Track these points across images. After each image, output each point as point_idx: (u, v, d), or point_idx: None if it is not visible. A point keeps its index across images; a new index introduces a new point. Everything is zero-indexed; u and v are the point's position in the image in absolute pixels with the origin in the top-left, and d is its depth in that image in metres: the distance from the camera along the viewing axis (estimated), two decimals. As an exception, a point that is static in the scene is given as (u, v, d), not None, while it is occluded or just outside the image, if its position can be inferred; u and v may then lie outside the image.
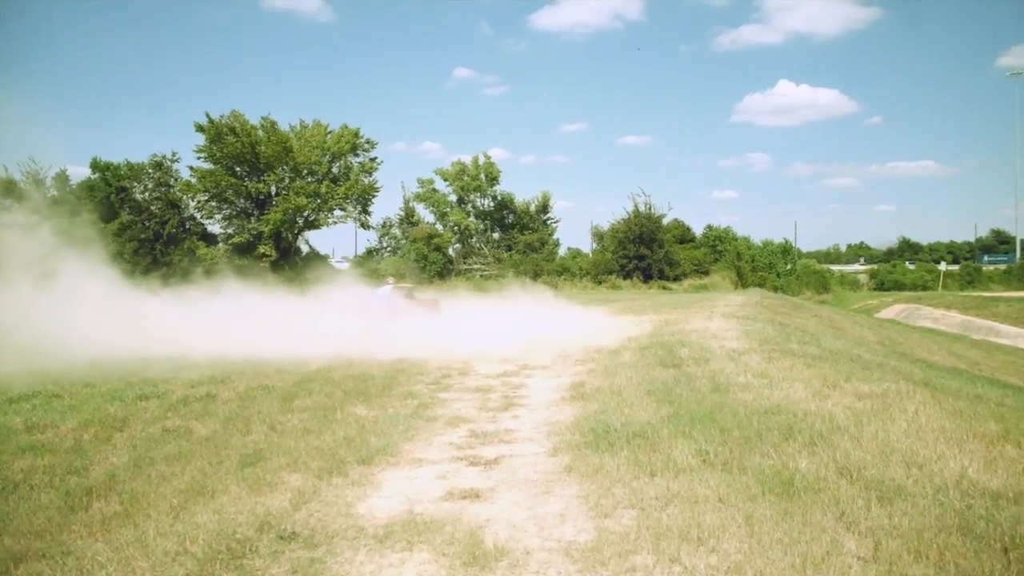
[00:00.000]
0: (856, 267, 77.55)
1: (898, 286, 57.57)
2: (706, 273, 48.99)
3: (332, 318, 19.15)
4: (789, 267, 55.51)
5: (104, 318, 17.31)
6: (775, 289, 42.99)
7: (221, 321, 18.15)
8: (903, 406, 7.52)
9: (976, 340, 32.81)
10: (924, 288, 56.47)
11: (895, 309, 41.87)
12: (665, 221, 50.79)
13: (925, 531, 4.52)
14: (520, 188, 51.33)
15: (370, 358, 13.98)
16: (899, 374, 11.01)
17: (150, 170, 50.67)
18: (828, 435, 6.53)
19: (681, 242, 53.41)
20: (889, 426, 6.72)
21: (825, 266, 64.99)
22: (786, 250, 59.09)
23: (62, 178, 51.39)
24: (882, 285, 58.98)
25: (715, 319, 19.39)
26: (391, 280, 23.40)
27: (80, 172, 52.38)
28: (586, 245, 62.05)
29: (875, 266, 70.92)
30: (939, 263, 67.90)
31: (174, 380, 11.89)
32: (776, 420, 7.26)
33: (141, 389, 11.08)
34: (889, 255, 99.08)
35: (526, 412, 9.30)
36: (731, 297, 29.81)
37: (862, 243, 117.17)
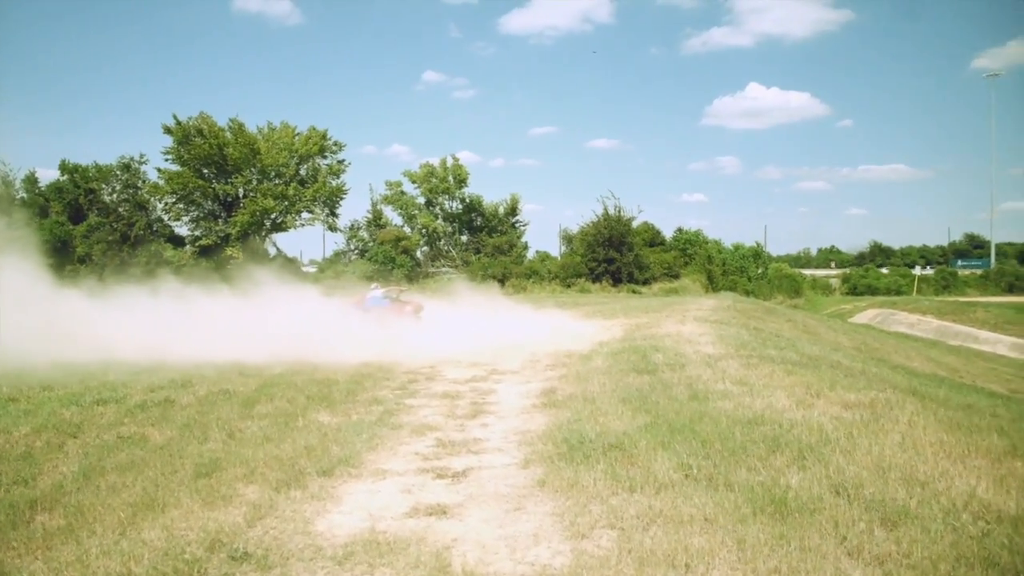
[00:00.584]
0: (828, 271, 77.95)
1: (871, 290, 57.77)
2: (676, 277, 48.80)
3: (299, 320, 18.72)
4: (760, 271, 55.61)
5: (66, 320, 16.82)
6: (747, 293, 42.93)
7: (188, 324, 17.66)
8: (894, 416, 7.23)
9: (953, 346, 32.82)
10: (898, 293, 56.61)
11: (869, 314, 41.94)
12: (635, 224, 50.59)
13: (941, 561, 4.17)
14: (489, 191, 51.37)
15: (334, 362, 13.58)
16: (884, 382, 10.76)
17: (118, 172, 49.86)
18: (818, 448, 6.21)
19: (651, 245, 53.25)
20: (882, 439, 6.40)
21: (797, 270, 65.09)
22: (757, 254, 59.17)
23: (31, 180, 50.52)
24: (855, 289, 59.14)
25: (688, 323, 19.14)
26: (376, 285, 22.84)
27: (50, 174, 51.28)
28: (555, 248, 61.94)
29: (847, 270, 71.24)
30: (913, 267, 68.20)
31: (134, 384, 11.48)
32: (760, 431, 6.95)
33: (100, 393, 10.65)
34: (861, 259, 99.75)
35: (495, 420, 8.94)
36: (703, 301, 29.64)
37: (833, 247, 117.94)
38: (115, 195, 49.14)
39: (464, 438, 7.96)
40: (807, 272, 68.70)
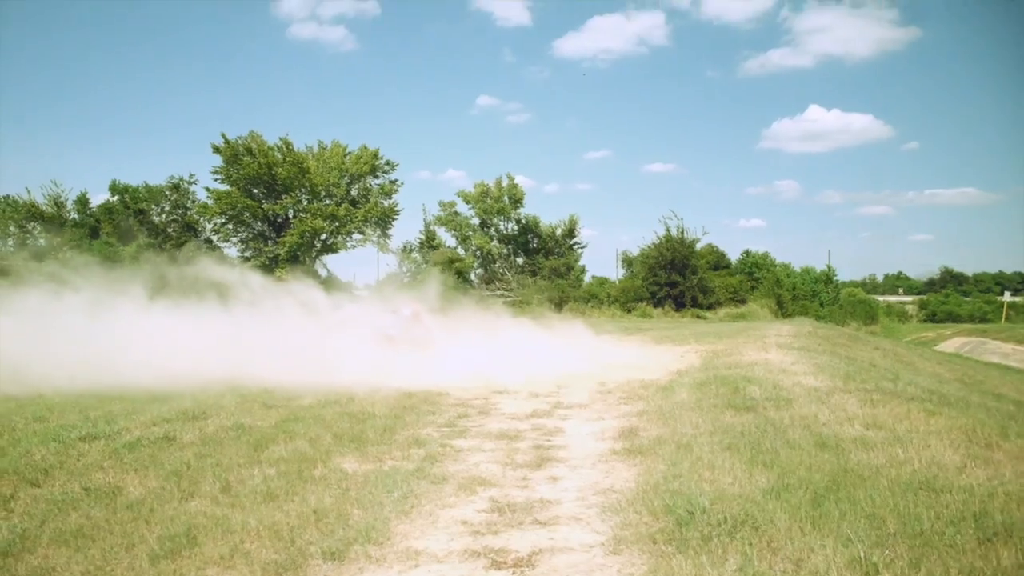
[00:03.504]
0: (898, 298, 74.53)
1: (952, 318, 54.51)
2: (743, 301, 46.32)
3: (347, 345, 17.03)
4: (832, 296, 52.83)
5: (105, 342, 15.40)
6: (818, 319, 40.38)
7: (229, 346, 15.98)
8: None
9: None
10: (983, 320, 53.12)
11: (956, 342, 38.99)
12: (699, 246, 48.29)
13: None
14: (544, 216, 49.51)
15: (374, 390, 11.80)
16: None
17: (167, 192, 49.14)
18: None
19: (715, 268, 50.82)
20: None
21: (870, 296, 61.99)
22: (828, 278, 56.34)
23: (82, 200, 50.00)
24: (933, 316, 55.96)
25: (771, 351, 17.00)
26: (402, 306, 20.93)
27: (101, 196, 50.82)
28: (612, 274, 59.73)
29: (924, 296, 67.78)
30: (1002, 293, 64.09)
31: (140, 414, 9.83)
32: (946, 504, 4.92)
33: (94, 426, 9.00)
34: (931, 285, 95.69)
35: (567, 471, 7.00)
36: (780, 327, 27.34)
37: (900, 273, 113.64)
38: (164, 215, 48.34)
39: (527, 499, 6.03)
40: (880, 298, 65.38)
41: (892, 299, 69.47)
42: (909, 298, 70.52)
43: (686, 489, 5.68)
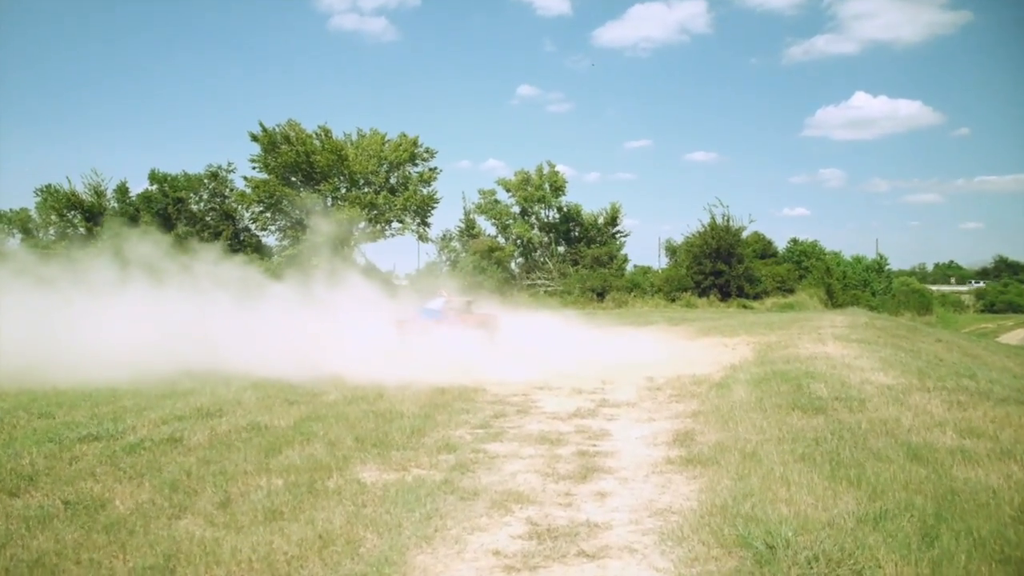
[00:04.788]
0: (950, 287, 72.28)
1: (1012, 308, 52.46)
2: (790, 291, 44.77)
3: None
4: (884, 286, 51.08)
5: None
6: (870, 309, 38.88)
7: (261, 336, 15.28)
8: None
9: None
10: (1048, 310, 51.04)
11: (1019, 333, 37.26)
12: (745, 234, 46.81)
13: None
14: (585, 205, 48.24)
15: (405, 384, 11.01)
16: None
17: (206, 180, 48.77)
18: None
19: (761, 257, 49.26)
20: None
21: (924, 285, 60.00)
22: (880, 267, 54.50)
23: (122, 190, 49.80)
24: (992, 307, 53.98)
25: (829, 343, 15.93)
26: (444, 292, 19.92)
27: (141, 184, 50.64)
28: (654, 264, 58.42)
29: (981, 285, 65.56)
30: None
31: (151, 411, 9.19)
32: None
33: (99, 425, 8.36)
34: (984, 274, 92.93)
35: (616, 484, 6.09)
36: (833, 317, 26.10)
37: (951, 262, 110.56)
38: (202, 204, 47.98)
39: (571, 521, 5.13)
40: (933, 288, 63.29)
41: (945, 288, 67.33)
42: (965, 288, 68.25)
43: (761, 513, 4.77)
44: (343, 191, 47.33)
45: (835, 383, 10.00)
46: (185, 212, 47.49)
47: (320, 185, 46.38)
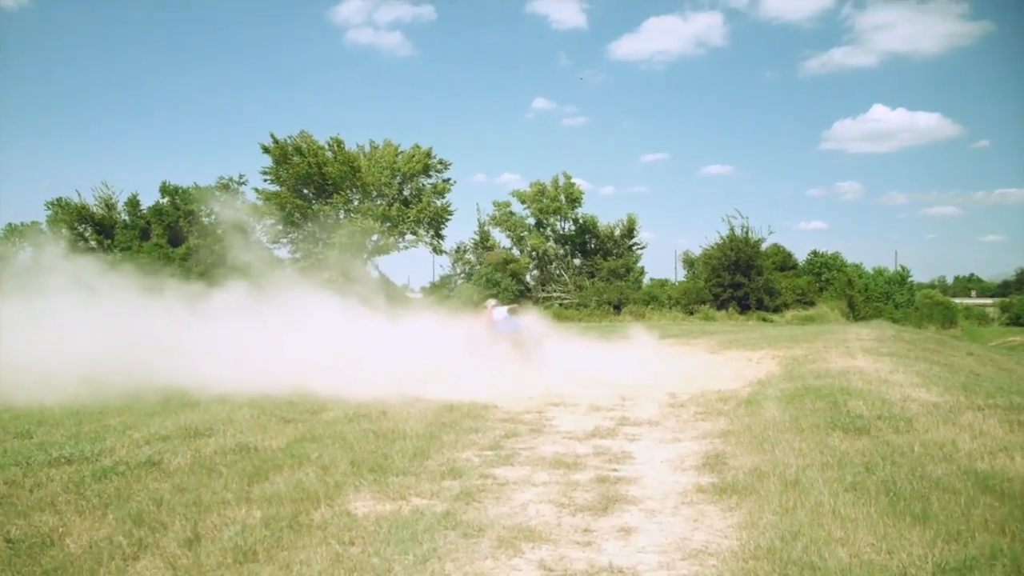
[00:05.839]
0: (976, 300, 71.00)
1: (1038, 321, 51.35)
2: (811, 303, 43.81)
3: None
4: (906, 298, 50.02)
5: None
6: (893, 321, 37.93)
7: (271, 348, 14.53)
8: None
9: None
10: (1076, 324, 49.73)
11: (1050, 347, 36.37)
12: (764, 246, 45.95)
13: None
14: (601, 218, 47.14)
15: (411, 401, 10.32)
16: None
17: (217, 193, 48.37)
18: None
19: (781, 269, 48.34)
20: None
21: (947, 298, 58.80)
22: (902, 279, 53.44)
23: (133, 202, 49.43)
24: (1017, 319, 52.68)
25: (859, 357, 15.15)
26: (495, 302, 18.44)
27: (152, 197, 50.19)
28: (671, 277, 57.54)
29: (1007, 298, 64.20)
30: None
31: (136, 430, 8.52)
32: None
33: (75, 446, 7.67)
34: (1006, 287, 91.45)
35: (641, 518, 5.34)
36: (859, 330, 25.24)
37: (972, 275, 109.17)
38: (213, 216, 47.55)
39: (591, 565, 4.39)
40: (956, 301, 62.06)
41: (968, 301, 66.10)
42: (989, 300, 66.98)
43: (816, 558, 4.02)
44: (356, 203, 46.77)
45: (874, 400, 9.23)
46: (196, 225, 47.05)
47: (332, 197, 45.85)
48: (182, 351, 13.57)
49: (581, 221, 50.85)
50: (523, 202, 50.97)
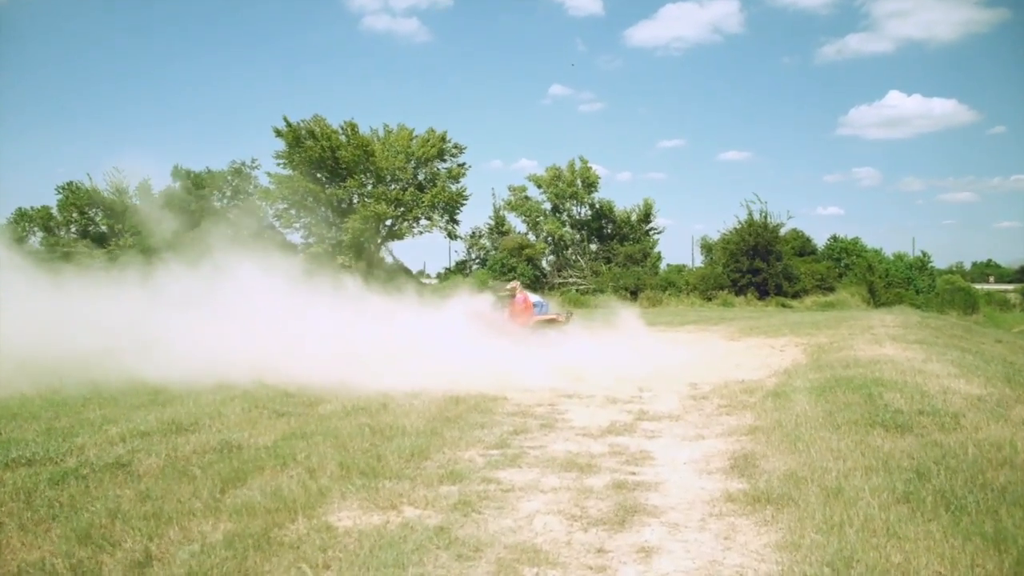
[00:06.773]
0: (994, 286, 69.77)
1: (1062, 307, 50.07)
2: (831, 289, 42.82)
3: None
4: (927, 283, 48.95)
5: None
6: (914, 307, 36.97)
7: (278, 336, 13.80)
8: None
9: None
10: (1097, 309, 48.56)
11: (1079, 334, 35.32)
12: (783, 231, 44.96)
13: None
14: (617, 203, 46.10)
15: (414, 392, 9.64)
16: None
17: (229, 177, 47.86)
18: None
19: (800, 255, 47.32)
20: None
21: (969, 283, 57.53)
22: (923, 264, 52.35)
23: (144, 187, 48.94)
24: (1041, 305, 51.66)
25: (886, 344, 14.38)
26: (517, 283, 17.37)
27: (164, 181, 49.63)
28: (688, 262, 56.65)
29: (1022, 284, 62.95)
30: None
31: (115, 424, 7.88)
32: None
33: (43, 443, 7.04)
34: (1023, 274, 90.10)
35: (664, 534, 4.64)
36: (882, 317, 24.38)
37: (990, 261, 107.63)
38: (225, 201, 47.03)
39: (605, 598, 3.71)
40: (977, 286, 60.81)
41: (986, 287, 64.84)
42: (1010, 286, 65.63)
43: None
44: (369, 187, 46.11)
45: (912, 392, 8.49)
46: (208, 209, 46.53)
47: (346, 181, 45.19)
48: (180, 339, 12.93)
49: (597, 206, 50.04)
50: (539, 187, 50.20)
